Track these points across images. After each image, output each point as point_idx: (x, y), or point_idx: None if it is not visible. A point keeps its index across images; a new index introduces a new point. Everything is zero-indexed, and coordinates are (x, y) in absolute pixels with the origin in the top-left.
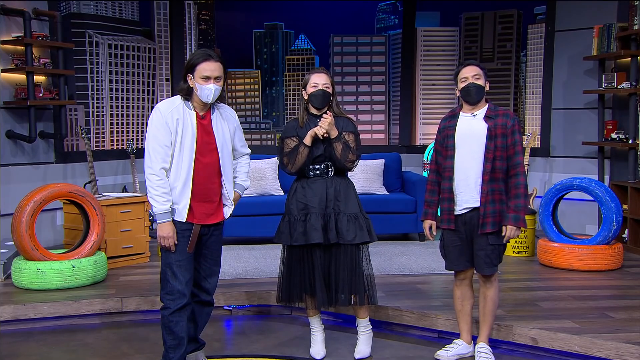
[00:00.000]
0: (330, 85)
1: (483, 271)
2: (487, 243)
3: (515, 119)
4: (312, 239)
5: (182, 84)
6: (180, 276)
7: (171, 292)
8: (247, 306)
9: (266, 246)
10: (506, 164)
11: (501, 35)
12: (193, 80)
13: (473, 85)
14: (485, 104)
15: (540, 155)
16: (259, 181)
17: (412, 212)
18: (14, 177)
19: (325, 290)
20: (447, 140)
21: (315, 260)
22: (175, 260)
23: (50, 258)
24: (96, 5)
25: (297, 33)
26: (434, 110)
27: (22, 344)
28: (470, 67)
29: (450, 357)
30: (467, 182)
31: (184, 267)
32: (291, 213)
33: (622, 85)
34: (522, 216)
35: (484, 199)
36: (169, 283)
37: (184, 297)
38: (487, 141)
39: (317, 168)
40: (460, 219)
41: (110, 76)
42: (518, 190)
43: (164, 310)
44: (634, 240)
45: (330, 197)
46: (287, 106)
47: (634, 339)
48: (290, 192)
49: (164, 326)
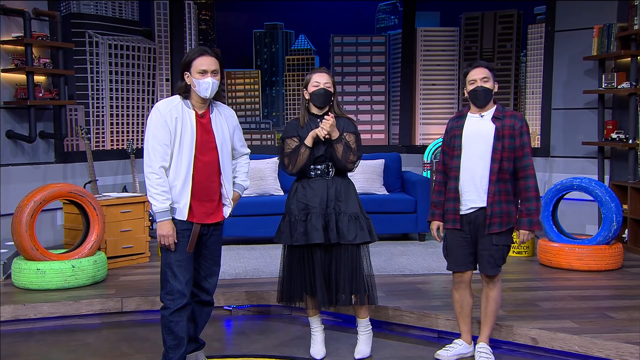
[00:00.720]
0: (332, 84)
1: (486, 271)
2: (492, 243)
3: (523, 121)
4: (313, 239)
5: (180, 83)
6: (180, 276)
7: (171, 292)
8: (247, 306)
9: (266, 246)
10: (513, 166)
11: (501, 35)
12: (190, 76)
13: (481, 89)
14: (493, 104)
15: (540, 155)
16: (259, 181)
17: (412, 212)
18: (14, 177)
19: (325, 290)
20: (454, 140)
21: (316, 260)
22: (175, 260)
23: (50, 258)
24: (96, 5)
25: (297, 33)
26: (434, 110)
27: (22, 344)
28: (479, 69)
29: (450, 357)
30: (474, 181)
31: (184, 267)
32: (292, 213)
33: (622, 85)
34: (535, 219)
35: (490, 199)
36: (169, 283)
37: (184, 297)
38: (494, 141)
39: (318, 168)
40: (466, 219)
41: (110, 76)
42: (529, 193)
43: (164, 310)
44: (634, 240)
45: (331, 197)
46: (287, 106)
47: (634, 339)
48: (291, 192)
49: (164, 326)
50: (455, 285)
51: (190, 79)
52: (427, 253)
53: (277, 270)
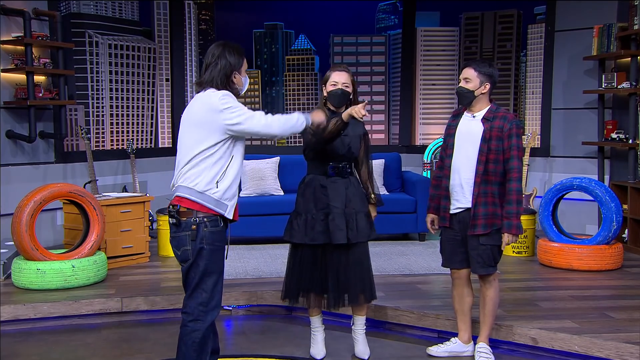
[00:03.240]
0: (350, 84)
1: (477, 271)
2: (479, 243)
3: (513, 122)
4: (337, 239)
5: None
6: (220, 285)
7: (217, 304)
8: (247, 306)
9: (266, 246)
10: (502, 167)
11: (501, 35)
12: (239, 76)
13: (459, 89)
14: (487, 104)
15: (540, 155)
16: (259, 181)
17: (412, 212)
18: (14, 177)
19: (336, 291)
20: (448, 139)
21: (329, 259)
22: (224, 267)
23: (50, 258)
24: (96, 5)
25: (297, 33)
26: (434, 110)
27: (22, 343)
28: (465, 68)
29: (440, 352)
30: (461, 182)
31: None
32: (309, 211)
33: (622, 85)
34: (514, 223)
35: (474, 200)
36: (219, 294)
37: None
38: (481, 143)
39: (339, 167)
40: (455, 218)
41: (110, 76)
42: (510, 196)
43: (198, 323)
44: (634, 240)
45: (349, 197)
46: (287, 106)
47: (634, 339)
48: (307, 189)
49: (195, 342)
50: (453, 282)
51: (239, 78)
52: (427, 253)
53: (277, 271)
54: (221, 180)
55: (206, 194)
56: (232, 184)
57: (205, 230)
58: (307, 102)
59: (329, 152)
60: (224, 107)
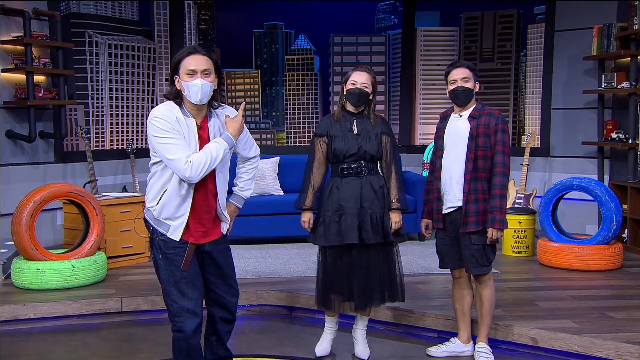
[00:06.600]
0: (370, 85)
1: (470, 271)
2: (471, 242)
3: (499, 118)
4: (348, 239)
5: (170, 88)
6: (189, 293)
7: (179, 313)
8: (247, 306)
9: (266, 246)
10: (491, 164)
11: (501, 35)
12: (179, 80)
13: (461, 89)
14: (473, 104)
15: (540, 155)
16: (259, 181)
17: (412, 212)
18: (13, 177)
19: (363, 294)
20: (438, 141)
21: (352, 261)
22: (181, 277)
23: (50, 258)
24: (96, 5)
25: (297, 33)
26: (434, 110)
27: (22, 343)
28: (460, 69)
29: (439, 353)
30: (452, 181)
31: (192, 284)
32: (326, 214)
33: (621, 85)
34: (497, 217)
35: (465, 198)
36: (176, 303)
37: (196, 316)
38: (469, 140)
39: (351, 167)
40: (448, 218)
41: (110, 76)
42: (494, 190)
43: (179, 334)
44: (633, 240)
45: (365, 196)
46: (287, 106)
47: (634, 339)
48: (326, 191)
49: (180, 351)
50: (453, 281)
51: (179, 82)
52: (427, 253)
53: (277, 271)
54: (162, 198)
55: (150, 210)
56: (170, 203)
57: (158, 240)
58: (307, 102)
59: (340, 152)
60: (150, 133)
